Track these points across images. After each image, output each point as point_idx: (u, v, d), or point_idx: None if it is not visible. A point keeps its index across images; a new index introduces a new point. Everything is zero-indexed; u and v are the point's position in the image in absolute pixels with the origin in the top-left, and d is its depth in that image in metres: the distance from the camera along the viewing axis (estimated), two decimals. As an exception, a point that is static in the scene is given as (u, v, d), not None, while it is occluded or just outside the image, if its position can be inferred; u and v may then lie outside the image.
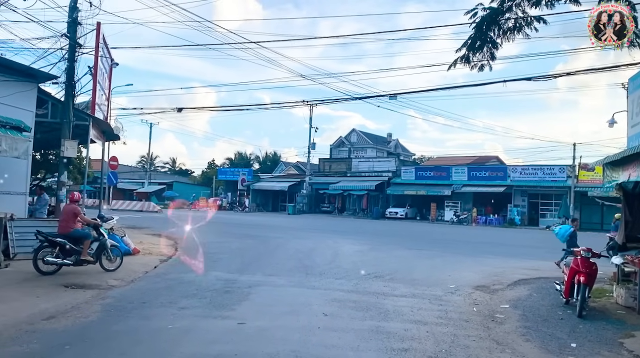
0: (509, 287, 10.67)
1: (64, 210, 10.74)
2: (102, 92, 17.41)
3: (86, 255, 10.18)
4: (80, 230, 10.35)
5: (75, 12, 14.00)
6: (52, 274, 9.74)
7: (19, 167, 12.16)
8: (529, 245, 21.77)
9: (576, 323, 7.60)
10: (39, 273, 9.62)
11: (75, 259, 10.01)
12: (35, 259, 9.68)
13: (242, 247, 17.03)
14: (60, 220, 10.50)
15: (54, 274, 9.78)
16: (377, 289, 9.76)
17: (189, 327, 6.60)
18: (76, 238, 10.13)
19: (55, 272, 9.84)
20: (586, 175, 37.13)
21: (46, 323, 6.51)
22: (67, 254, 9.92)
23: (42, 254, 9.72)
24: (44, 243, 9.79)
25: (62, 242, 9.82)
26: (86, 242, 10.22)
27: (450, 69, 9.82)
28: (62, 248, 9.85)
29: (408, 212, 43.83)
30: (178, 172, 79.75)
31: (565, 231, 11.04)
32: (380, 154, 59.32)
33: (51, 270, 9.81)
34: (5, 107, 11.67)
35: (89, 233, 10.43)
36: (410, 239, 23.01)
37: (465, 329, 7.02)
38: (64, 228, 10.12)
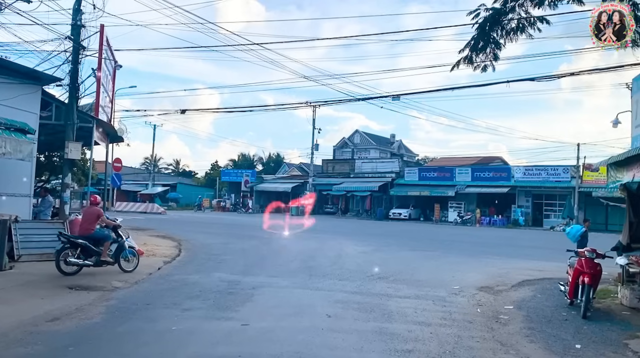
0: (513, 288, 10.64)
1: (85, 212, 10.93)
2: (106, 94, 17.46)
3: (106, 256, 10.40)
4: (101, 231, 10.58)
5: (79, 14, 14.06)
6: (73, 275, 9.91)
7: (23, 169, 12.22)
8: (533, 246, 21.71)
9: (581, 324, 7.58)
10: (61, 274, 9.81)
11: (95, 260, 10.23)
12: (57, 260, 9.86)
13: (245, 248, 17.04)
14: (82, 221, 10.68)
15: (76, 274, 9.99)
16: (381, 290, 9.75)
17: (192, 328, 6.61)
18: (96, 240, 10.33)
19: (76, 273, 10.02)
20: (590, 175, 36.98)
21: (50, 324, 6.53)
22: (87, 255, 10.14)
23: (63, 255, 9.91)
24: (66, 244, 9.98)
25: (84, 243, 10.05)
26: (106, 244, 10.44)
27: (454, 70, 9.83)
28: (83, 249, 10.06)
29: (412, 213, 43.75)
30: (182, 173, 79.81)
31: (577, 231, 10.96)
32: (383, 155, 59.27)
33: (72, 270, 9.98)
34: (9, 109, 11.72)
35: (109, 235, 10.64)
36: (414, 240, 22.97)
37: (469, 330, 7.01)
38: (86, 230, 10.37)
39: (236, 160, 76.51)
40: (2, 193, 11.91)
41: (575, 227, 11.19)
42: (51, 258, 11.60)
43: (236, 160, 76.23)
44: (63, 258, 9.89)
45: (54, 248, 11.92)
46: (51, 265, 11.06)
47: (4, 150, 10.17)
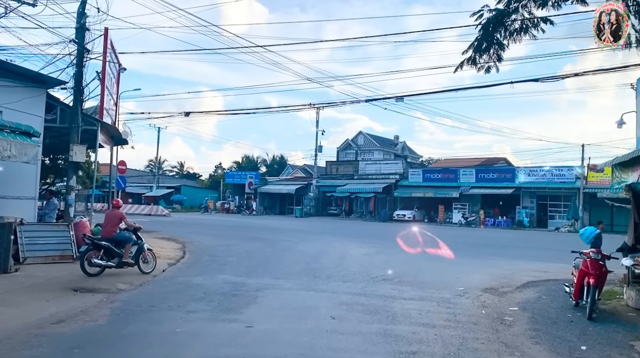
0: (517, 289, 10.61)
1: (108, 215, 11.17)
2: (110, 97, 17.52)
3: (127, 258, 10.71)
4: (124, 234, 10.91)
5: (83, 18, 14.11)
6: (97, 276, 10.21)
7: (28, 172, 12.27)
8: (538, 247, 21.63)
9: (586, 325, 7.54)
10: (86, 275, 10.11)
11: (117, 262, 10.55)
12: (82, 261, 10.19)
13: (249, 250, 17.05)
14: (105, 224, 10.96)
15: (100, 275, 10.29)
16: (385, 292, 9.74)
17: (197, 330, 6.62)
18: (118, 242, 10.66)
19: (98, 274, 10.32)
20: (595, 176, 36.84)
21: (55, 327, 6.55)
22: (110, 257, 10.47)
23: (88, 257, 10.24)
24: (90, 246, 10.32)
25: (107, 245, 10.39)
26: (128, 245, 10.77)
27: (457, 71, 9.80)
28: (106, 251, 10.40)
29: (416, 215, 43.63)
30: (186, 175, 79.98)
31: (591, 233, 10.87)
32: (387, 156, 59.24)
33: (95, 272, 10.30)
34: (14, 112, 11.79)
35: (131, 237, 10.97)
36: (419, 242, 22.90)
37: (473, 332, 6.99)
38: (108, 232, 10.70)
39: (240, 162, 76.63)
40: (8, 196, 11.98)
41: (589, 229, 11.09)
42: (56, 260, 11.71)
43: (240, 162, 76.34)
44: (87, 260, 10.21)
45: (59, 250, 12.03)
46: (56, 267, 11.15)
47: (9, 153, 10.22)
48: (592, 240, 10.65)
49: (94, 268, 10.27)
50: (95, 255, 10.27)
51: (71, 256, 12.08)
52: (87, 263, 10.18)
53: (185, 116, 29.21)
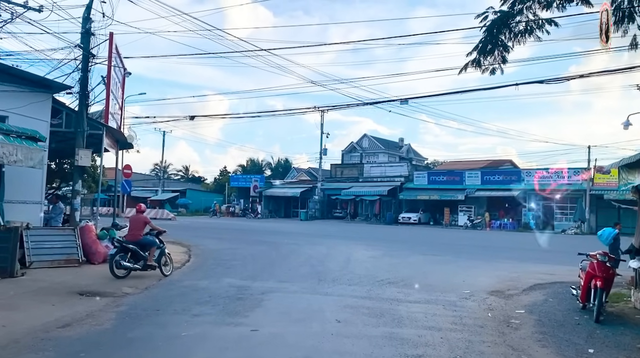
0: (524, 291, 10.55)
1: (133, 220, 11.50)
2: (116, 101, 17.60)
3: (151, 261, 11.06)
4: (149, 237, 11.28)
5: (89, 23, 14.20)
6: (124, 278, 10.54)
7: (34, 176, 12.34)
8: (544, 250, 21.53)
9: (593, 328, 7.48)
10: (114, 278, 10.49)
11: (142, 264, 10.92)
12: (111, 264, 10.59)
13: (254, 253, 17.05)
14: (130, 229, 11.34)
15: (126, 278, 10.62)
16: (391, 295, 9.70)
17: (202, 334, 6.62)
18: (143, 245, 11.03)
19: (125, 276, 10.65)
20: (602, 178, 36.64)
21: (61, 331, 6.56)
22: (136, 260, 10.84)
23: (116, 260, 10.64)
24: (119, 249, 10.77)
25: (134, 249, 10.79)
26: (152, 249, 11.12)
27: (462, 73, 9.77)
28: (133, 254, 10.79)
29: (421, 217, 43.55)
30: (191, 179, 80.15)
31: (609, 234, 10.80)
32: (392, 159, 59.19)
33: (123, 274, 10.66)
34: (20, 117, 11.87)
35: (155, 241, 11.31)
36: (424, 244, 22.87)
37: (480, 335, 6.95)
38: (134, 236, 11.08)
39: (245, 165, 76.73)
40: (14, 201, 12.03)
41: (607, 230, 11.00)
42: (62, 264, 11.75)
43: (245, 166, 76.45)
44: (116, 263, 10.58)
45: (65, 254, 12.08)
46: (62, 271, 11.19)
47: (15, 157, 10.29)
48: (611, 241, 10.59)
49: (122, 271, 10.62)
50: (124, 258, 10.67)
51: (77, 260, 12.12)
52: (116, 266, 10.56)
53: (190, 120, 29.24)
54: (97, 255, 12.73)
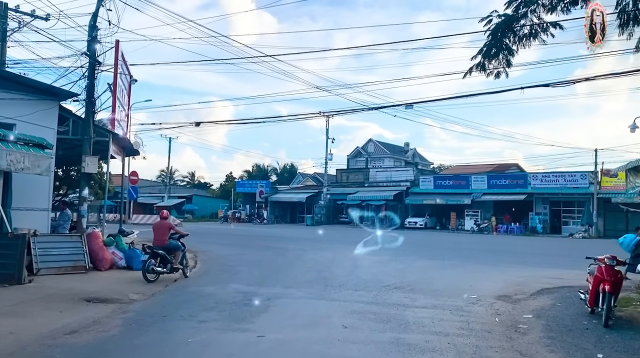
0: (531, 296, 10.47)
1: (158, 226, 11.93)
2: (122, 109, 17.70)
3: (177, 264, 11.69)
4: (174, 242, 11.83)
5: (95, 31, 14.30)
6: (154, 282, 10.99)
7: (41, 183, 12.40)
8: (552, 254, 21.39)
9: (602, 333, 7.42)
10: (146, 282, 10.92)
11: (169, 268, 11.50)
12: (144, 269, 11.08)
13: (261, 259, 17.05)
14: (156, 235, 11.79)
15: (156, 282, 11.07)
16: (397, 300, 9.67)
17: (208, 340, 6.62)
18: (170, 250, 11.61)
19: (155, 280, 11.14)
20: (609, 181, 36.40)
21: (68, 337, 6.57)
22: (164, 264, 11.41)
23: (147, 264, 11.15)
24: (151, 255, 11.26)
25: (163, 254, 11.36)
26: (177, 253, 11.77)
27: (466, 77, 9.73)
28: (162, 258, 11.35)
29: (427, 222, 43.43)
30: (197, 185, 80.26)
31: (631, 240, 10.70)
32: (397, 164, 59.06)
33: (153, 278, 11.15)
34: (28, 125, 11.95)
35: (180, 245, 11.95)
36: (430, 249, 22.78)
37: (487, 340, 6.90)
38: (161, 242, 11.60)
39: (250, 171, 76.83)
40: (22, 208, 12.09)
41: (628, 236, 10.90)
42: (69, 271, 11.79)
43: (251, 171, 76.55)
44: (148, 268, 11.08)
45: (72, 261, 12.14)
46: (69, 278, 11.23)
47: (22, 165, 10.36)
48: (633, 247, 10.48)
49: (152, 275, 11.12)
50: (154, 263, 11.20)
51: (84, 267, 12.16)
52: (148, 271, 11.05)
53: (196, 126, 29.19)
54: (103, 261, 12.78)
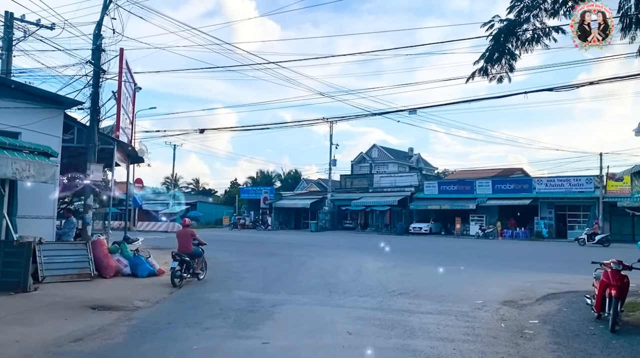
0: (537, 301, 10.42)
1: (181, 234, 12.67)
2: (126, 116, 17.78)
3: (199, 269, 12.64)
4: (197, 249, 12.67)
5: (99, 39, 14.41)
6: (179, 287, 11.59)
7: (46, 191, 12.45)
8: (558, 259, 21.28)
9: (609, 338, 7.36)
10: (174, 286, 11.52)
11: (192, 272, 12.35)
12: (173, 275, 11.75)
13: (265, 265, 17.04)
14: (180, 242, 12.45)
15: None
16: (402, 306, 9.63)
17: (213, 347, 6.61)
18: (193, 256, 12.40)
19: (180, 284, 11.76)
20: (614, 185, 36.21)
21: (73, 345, 6.59)
22: (187, 269, 12.14)
23: (175, 271, 11.80)
24: (179, 261, 11.87)
25: (188, 260, 12.12)
26: (199, 259, 12.67)
27: (469, 82, 9.75)
28: (186, 265, 12.08)
29: (432, 227, 43.30)
30: (201, 192, 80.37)
31: None
32: (402, 169, 58.97)
33: (179, 283, 11.77)
34: (33, 133, 12.02)
35: (201, 252, 12.76)
36: (435, 255, 22.70)
37: (493, 346, 6.87)
38: (186, 249, 12.31)
39: (255, 177, 76.94)
40: (27, 216, 12.14)
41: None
42: (74, 279, 11.82)
43: (255, 178, 76.66)
44: (175, 273, 11.74)
45: (77, 268, 12.18)
46: (74, 285, 11.25)
47: (27, 173, 10.41)
48: None
49: (178, 280, 11.77)
50: (180, 269, 11.86)
51: (89, 274, 12.18)
52: (175, 276, 11.71)
53: (200, 133, 29.33)
54: (108, 269, 12.80)
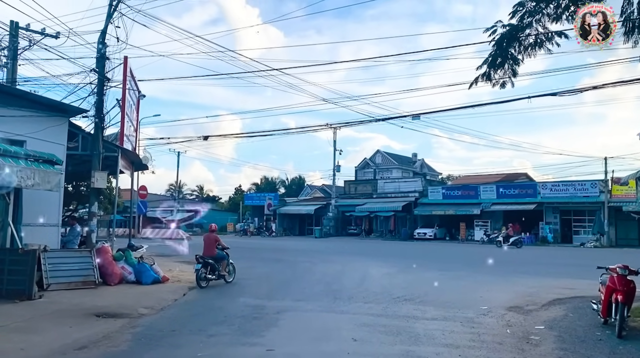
0: (543, 307, 10.36)
1: (206, 239, 13.54)
2: (131, 124, 17.85)
3: (224, 272, 13.21)
4: (221, 252, 13.34)
5: (103, 47, 14.49)
6: (205, 288, 12.40)
7: (51, 199, 12.49)
8: (563, 263, 21.16)
9: (616, 344, 7.31)
10: (199, 288, 12.35)
11: (217, 275, 12.98)
12: (197, 277, 12.50)
13: (270, 271, 17.02)
14: (205, 246, 13.25)
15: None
16: (407, 312, 9.59)
17: (218, 354, 6.60)
18: (218, 259, 13.09)
19: (206, 286, 12.54)
20: (620, 189, 36.04)
21: (78, 352, 6.59)
22: (212, 272, 12.78)
23: (200, 273, 12.51)
24: (203, 264, 12.54)
25: (212, 263, 12.80)
26: (224, 262, 13.30)
27: (472, 87, 9.74)
28: (211, 268, 12.77)
29: (437, 233, 43.17)
30: (206, 199, 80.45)
31: None
32: (406, 174, 58.98)
33: (204, 285, 12.54)
34: (38, 141, 12.09)
35: (225, 255, 13.41)
36: (440, 260, 22.63)
37: (499, 352, 6.82)
38: (210, 252, 13.08)
39: (259, 183, 77.00)
40: (32, 224, 12.17)
41: None
42: (79, 286, 11.82)
43: (259, 184, 76.72)
44: (201, 276, 12.47)
45: (82, 276, 12.19)
46: (79, 293, 11.25)
47: (32, 181, 10.45)
48: None
49: (204, 282, 12.51)
50: (205, 271, 12.55)
51: (93, 282, 12.17)
52: (200, 279, 12.42)
53: (204, 140, 29.39)
54: (113, 276, 12.80)
